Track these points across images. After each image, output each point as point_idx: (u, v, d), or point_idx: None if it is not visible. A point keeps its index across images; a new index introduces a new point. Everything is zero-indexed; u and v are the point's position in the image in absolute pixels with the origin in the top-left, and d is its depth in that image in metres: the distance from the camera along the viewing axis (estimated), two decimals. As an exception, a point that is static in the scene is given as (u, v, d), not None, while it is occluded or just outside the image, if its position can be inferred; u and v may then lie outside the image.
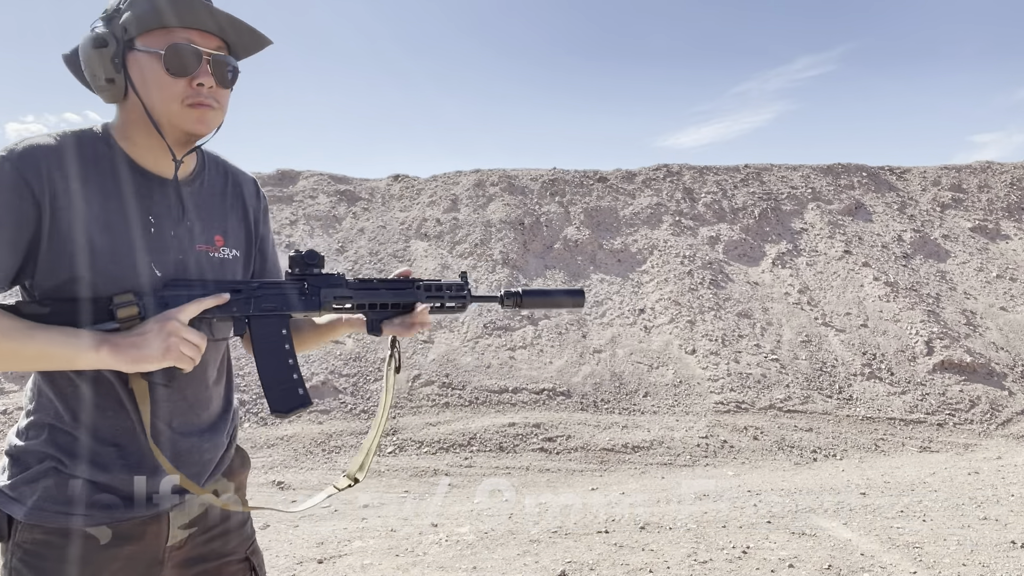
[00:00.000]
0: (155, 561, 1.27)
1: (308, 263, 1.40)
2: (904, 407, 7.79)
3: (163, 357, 1.15)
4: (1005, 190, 12.72)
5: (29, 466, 1.19)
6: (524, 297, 1.56)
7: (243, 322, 1.33)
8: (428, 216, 10.50)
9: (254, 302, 1.34)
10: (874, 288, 9.92)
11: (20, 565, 1.16)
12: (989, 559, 3.65)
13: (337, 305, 1.42)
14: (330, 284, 1.41)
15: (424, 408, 7.18)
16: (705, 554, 3.78)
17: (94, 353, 1.12)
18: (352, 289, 1.43)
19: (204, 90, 1.20)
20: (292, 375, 1.37)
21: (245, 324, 1.33)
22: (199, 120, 1.21)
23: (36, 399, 1.22)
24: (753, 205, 11.66)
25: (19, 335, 1.09)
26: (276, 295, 1.36)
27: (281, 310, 1.37)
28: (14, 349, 1.09)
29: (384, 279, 1.48)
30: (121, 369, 1.14)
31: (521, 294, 1.56)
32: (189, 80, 1.19)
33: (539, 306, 1.61)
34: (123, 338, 1.15)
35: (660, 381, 7.96)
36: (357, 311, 1.46)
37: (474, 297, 1.55)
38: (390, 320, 1.47)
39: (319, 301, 1.39)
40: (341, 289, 1.42)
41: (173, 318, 1.17)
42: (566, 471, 6.25)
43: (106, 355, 1.13)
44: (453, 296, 1.52)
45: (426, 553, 3.92)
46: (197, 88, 1.20)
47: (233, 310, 1.30)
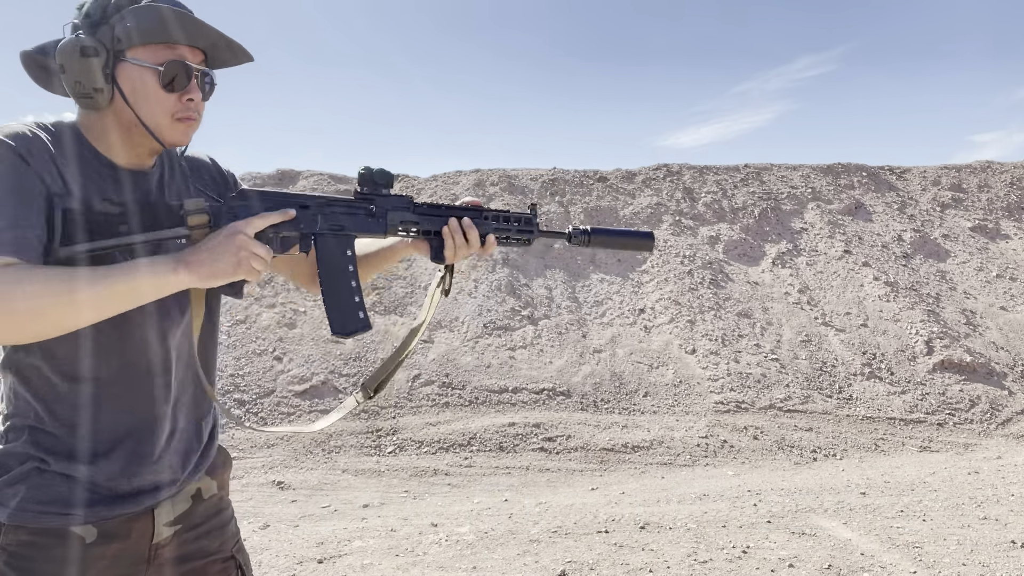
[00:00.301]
0: (141, 559, 1.26)
1: (377, 183, 1.37)
2: (904, 407, 7.79)
3: (234, 271, 1.16)
4: (1005, 190, 12.73)
5: (10, 468, 1.17)
6: (592, 235, 1.52)
7: (309, 239, 1.32)
8: (428, 216, 10.50)
9: (321, 219, 1.32)
10: (874, 288, 9.93)
11: (4, 567, 1.15)
12: (989, 559, 3.65)
13: (402, 230, 1.40)
14: (397, 207, 1.38)
15: (424, 408, 7.18)
16: (705, 554, 3.78)
17: (174, 275, 1.13)
18: (419, 214, 1.40)
19: (192, 105, 1.23)
20: (354, 298, 1.35)
21: (311, 241, 1.32)
22: (184, 133, 1.25)
23: (13, 402, 1.20)
24: (753, 205, 11.66)
25: (101, 279, 1.08)
26: (343, 215, 1.34)
27: (347, 230, 1.35)
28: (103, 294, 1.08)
29: (451, 206, 1.44)
30: (196, 286, 1.16)
31: (590, 232, 1.52)
32: (180, 95, 1.22)
33: (607, 246, 1.56)
34: (193, 255, 1.15)
35: (660, 381, 7.97)
36: (422, 237, 1.43)
37: (541, 232, 1.51)
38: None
39: (385, 224, 1.37)
40: (408, 213, 1.39)
41: (241, 232, 1.17)
42: (566, 471, 6.25)
43: (184, 274, 1.13)
44: (521, 229, 1.49)
45: (426, 553, 3.92)
46: (187, 103, 1.22)
47: (300, 226, 1.29)
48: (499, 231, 1.47)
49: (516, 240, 1.50)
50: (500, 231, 1.47)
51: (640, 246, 1.57)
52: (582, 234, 1.51)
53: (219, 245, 1.16)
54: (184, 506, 1.34)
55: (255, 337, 7.78)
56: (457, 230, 1.41)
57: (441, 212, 1.42)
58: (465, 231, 1.42)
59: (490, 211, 1.47)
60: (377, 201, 1.37)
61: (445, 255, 1.43)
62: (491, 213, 1.47)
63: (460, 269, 9.54)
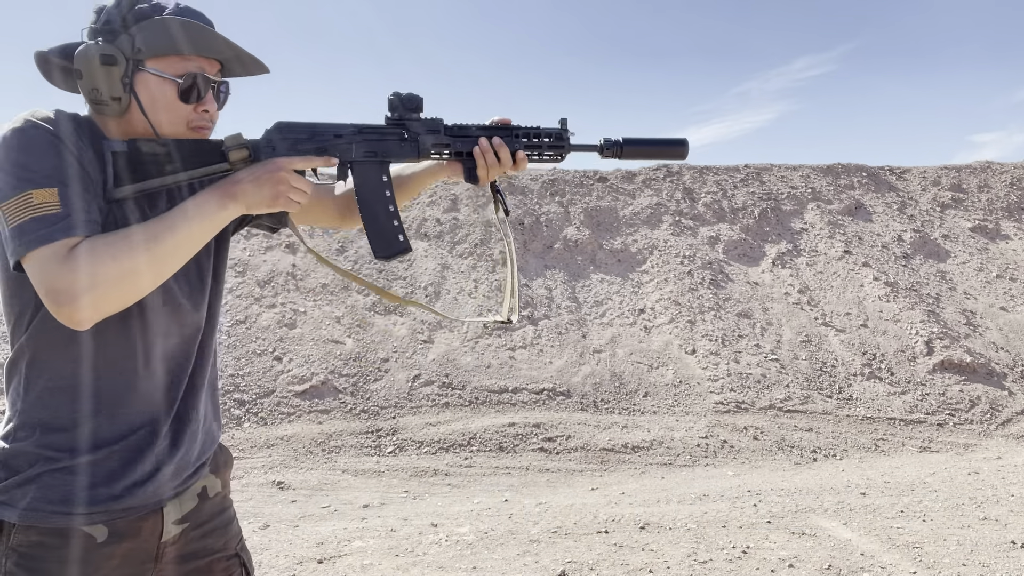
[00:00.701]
0: (150, 557, 1.26)
1: (407, 107, 1.40)
2: (904, 407, 7.79)
3: (273, 203, 1.22)
4: (1005, 190, 12.72)
5: (19, 469, 1.17)
6: (625, 147, 1.50)
7: (345, 168, 1.36)
8: (428, 216, 10.50)
9: (355, 147, 1.36)
10: (874, 288, 9.93)
11: (15, 568, 1.15)
12: (989, 559, 3.65)
13: (435, 153, 1.43)
14: (429, 130, 1.41)
15: (424, 408, 7.18)
16: (705, 554, 3.78)
17: (224, 210, 1.19)
18: (451, 136, 1.43)
19: (208, 116, 1.27)
20: (393, 221, 1.39)
21: (347, 170, 1.36)
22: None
23: (23, 399, 1.20)
24: (753, 205, 11.66)
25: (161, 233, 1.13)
26: (376, 141, 1.38)
27: (382, 156, 1.38)
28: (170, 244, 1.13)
29: (483, 126, 1.46)
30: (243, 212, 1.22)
31: (622, 143, 1.50)
32: (196, 106, 1.25)
33: (641, 156, 1.53)
34: (235, 184, 1.21)
35: (660, 381, 7.97)
36: (455, 159, 1.45)
37: (572, 146, 1.51)
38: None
39: (418, 148, 1.40)
40: (440, 136, 1.42)
41: (283, 167, 1.23)
42: (566, 471, 6.25)
43: (232, 207, 1.20)
44: (552, 146, 1.49)
45: (426, 553, 3.92)
46: (202, 114, 1.26)
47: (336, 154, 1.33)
48: (530, 148, 1.48)
49: (548, 156, 1.51)
50: (531, 148, 1.48)
51: (673, 154, 1.55)
52: (614, 145, 1.51)
53: (261, 176, 1.22)
54: (191, 504, 1.34)
55: (255, 337, 7.78)
56: (488, 150, 1.44)
57: (472, 133, 1.45)
58: (496, 150, 1.44)
59: (520, 128, 1.48)
60: (408, 126, 1.40)
61: (478, 175, 1.45)
62: (521, 131, 1.48)
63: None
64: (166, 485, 1.27)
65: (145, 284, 1.13)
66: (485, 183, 1.48)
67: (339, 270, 1.49)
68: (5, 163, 1.10)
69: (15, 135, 1.11)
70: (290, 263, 9.09)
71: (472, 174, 1.46)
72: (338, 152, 1.34)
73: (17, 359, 1.20)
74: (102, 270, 1.07)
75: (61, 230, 1.08)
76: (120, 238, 1.11)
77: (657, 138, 1.55)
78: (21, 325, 1.19)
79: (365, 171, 1.38)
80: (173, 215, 1.16)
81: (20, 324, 1.19)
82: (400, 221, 1.40)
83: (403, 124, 1.40)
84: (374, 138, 1.38)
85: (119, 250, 1.09)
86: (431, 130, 1.41)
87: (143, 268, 1.11)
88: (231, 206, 1.20)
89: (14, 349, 1.20)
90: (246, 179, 1.21)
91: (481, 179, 1.45)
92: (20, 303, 1.18)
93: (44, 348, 1.18)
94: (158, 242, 1.12)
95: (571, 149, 1.51)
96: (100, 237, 1.11)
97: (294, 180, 1.24)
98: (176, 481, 1.30)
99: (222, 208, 1.19)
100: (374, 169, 1.38)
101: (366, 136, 1.37)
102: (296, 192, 1.24)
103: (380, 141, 1.38)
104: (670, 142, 1.54)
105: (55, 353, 1.18)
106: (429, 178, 1.57)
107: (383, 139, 1.38)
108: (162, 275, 1.15)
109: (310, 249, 1.41)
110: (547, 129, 1.49)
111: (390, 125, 1.39)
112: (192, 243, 1.18)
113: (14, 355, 1.21)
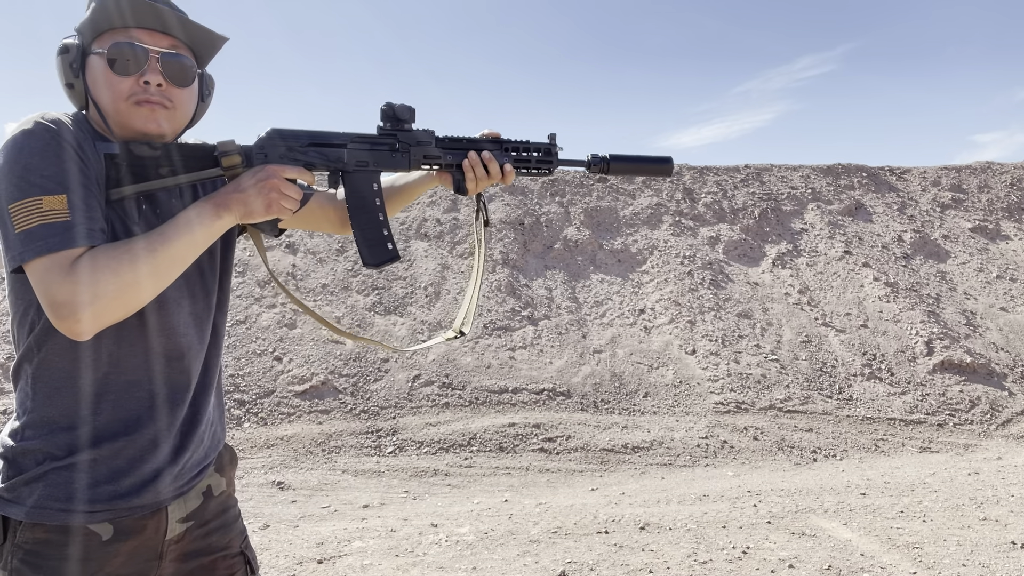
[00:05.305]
0: (154, 555, 1.27)
1: (400, 118, 1.42)
2: (904, 407, 7.79)
3: (266, 211, 1.24)
4: (1005, 190, 12.72)
5: (27, 467, 1.18)
6: (612, 163, 1.54)
7: (337, 176, 1.38)
8: (428, 216, 10.50)
9: (347, 156, 1.38)
10: (874, 288, 9.93)
11: (21, 566, 1.15)
12: (989, 559, 3.65)
13: (426, 164, 1.45)
14: (420, 142, 1.43)
15: (424, 408, 7.18)
16: (705, 554, 3.78)
17: (219, 220, 1.21)
18: (442, 148, 1.45)
19: (152, 88, 1.22)
20: (382, 230, 1.42)
21: (339, 178, 1.39)
22: (148, 119, 1.23)
23: (31, 398, 1.20)
24: (753, 205, 11.66)
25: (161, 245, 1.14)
26: (368, 151, 1.40)
27: (373, 166, 1.40)
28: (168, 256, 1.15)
29: (472, 138, 1.49)
30: (238, 223, 1.24)
31: (609, 159, 1.54)
32: (136, 78, 1.21)
33: (627, 172, 1.57)
34: (228, 196, 1.22)
35: (660, 381, 7.97)
36: (445, 170, 1.48)
37: (561, 161, 1.54)
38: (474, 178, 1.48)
39: (409, 159, 1.43)
40: (431, 147, 1.44)
41: (274, 175, 1.25)
42: (566, 471, 6.25)
43: (226, 216, 1.21)
44: (540, 160, 1.52)
45: (426, 553, 3.92)
46: (144, 86, 1.22)
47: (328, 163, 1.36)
48: (519, 162, 1.51)
49: (536, 170, 1.53)
50: (520, 162, 1.51)
51: (659, 171, 1.59)
52: (601, 161, 1.54)
53: (252, 186, 1.23)
54: (196, 502, 1.34)
55: (255, 337, 7.78)
56: (477, 163, 1.47)
57: (462, 145, 1.47)
58: (485, 163, 1.47)
59: (509, 143, 1.51)
60: (400, 136, 1.42)
61: (467, 187, 1.47)
62: (511, 144, 1.51)
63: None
64: (171, 484, 1.28)
65: (145, 295, 1.14)
66: (473, 194, 1.50)
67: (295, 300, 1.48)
68: (15, 165, 1.10)
69: (25, 137, 1.11)
70: (290, 263, 9.09)
71: (461, 185, 1.47)
72: (330, 160, 1.35)
73: (24, 359, 1.21)
74: (103, 284, 1.08)
75: (67, 240, 1.08)
76: (122, 251, 1.11)
77: (643, 155, 1.59)
78: (25, 324, 1.20)
79: (356, 180, 1.40)
80: (172, 226, 1.17)
81: (24, 323, 1.20)
82: (390, 230, 1.42)
83: (395, 135, 1.42)
84: (366, 148, 1.40)
85: (121, 263, 1.10)
86: (422, 142, 1.43)
87: (144, 281, 1.12)
88: (226, 216, 1.21)
89: (21, 349, 1.21)
90: (237, 189, 1.23)
91: (470, 190, 1.47)
92: (24, 302, 1.19)
93: (50, 348, 1.18)
94: (158, 254, 1.13)
95: (559, 164, 1.54)
96: (102, 249, 1.11)
97: (285, 187, 1.25)
98: (181, 480, 1.30)
99: (217, 218, 1.20)
100: (365, 178, 1.40)
101: (358, 145, 1.39)
102: (287, 200, 1.25)
103: (372, 151, 1.40)
104: (656, 159, 1.58)
105: (62, 353, 1.18)
106: (420, 188, 1.59)
107: (375, 149, 1.40)
108: (161, 285, 1.16)
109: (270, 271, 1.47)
110: (536, 143, 1.52)
111: (382, 135, 1.41)
112: (191, 253, 1.19)
113: (21, 355, 1.21)
